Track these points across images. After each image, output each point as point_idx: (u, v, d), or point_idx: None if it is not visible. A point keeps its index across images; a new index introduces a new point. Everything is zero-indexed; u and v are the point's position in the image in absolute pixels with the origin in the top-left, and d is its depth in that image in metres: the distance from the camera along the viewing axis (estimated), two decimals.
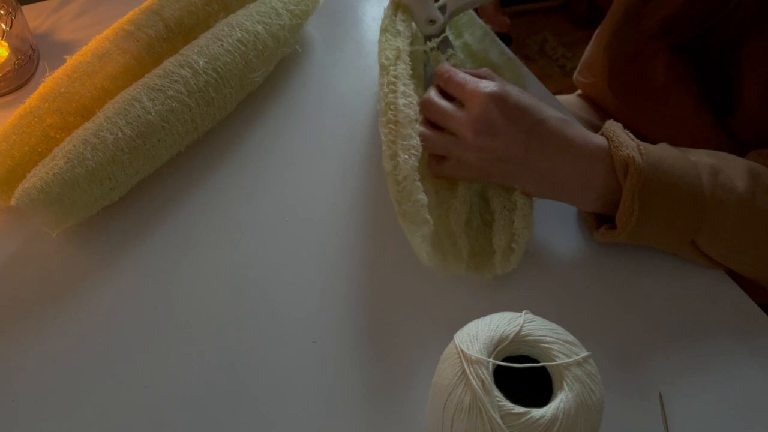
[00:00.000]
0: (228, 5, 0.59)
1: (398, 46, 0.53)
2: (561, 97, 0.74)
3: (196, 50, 0.51)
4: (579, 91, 0.76)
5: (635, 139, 0.43)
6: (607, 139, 0.44)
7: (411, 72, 0.51)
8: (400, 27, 0.56)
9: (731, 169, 0.43)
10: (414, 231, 0.43)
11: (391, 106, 0.49)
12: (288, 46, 0.60)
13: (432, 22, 0.55)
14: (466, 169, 0.46)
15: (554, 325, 0.35)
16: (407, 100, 0.49)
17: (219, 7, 0.59)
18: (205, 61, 0.51)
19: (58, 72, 0.52)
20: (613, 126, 0.45)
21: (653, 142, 0.62)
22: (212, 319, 0.44)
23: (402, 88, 0.49)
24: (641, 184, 0.41)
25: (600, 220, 0.46)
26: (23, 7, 0.61)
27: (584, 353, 0.33)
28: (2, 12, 0.57)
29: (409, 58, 0.52)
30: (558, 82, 1.81)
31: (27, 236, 0.48)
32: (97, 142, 0.45)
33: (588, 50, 0.71)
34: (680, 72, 0.56)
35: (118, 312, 0.44)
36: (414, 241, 0.44)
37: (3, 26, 0.58)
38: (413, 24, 0.57)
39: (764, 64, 0.50)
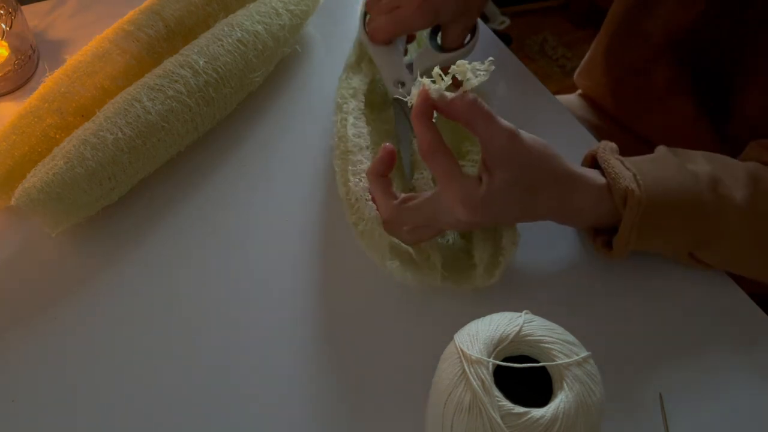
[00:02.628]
0: (228, 5, 0.59)
1: (355, 87, 0.54)
2: (561, 97, 0.74)
3: (196, 50, 0.51)
4: (579, 91, 0.76)
5: (630, 165, 0.42)
6: (602, 171, 0.43)
7: (362, 108, 0.51)
8: (364, 67, 0.56)
9: (730, 176, 0.43)
10: (373, 248, 0.43)
11: (343, 139, 0.50)
12: (288, 46, 0.60)
13: (401, 84, 0.52)
14: (450, 208, 0.40)
15: (554, 325, 0.35)
16: (357, 130, 0.49)
17: (219, 7, 0.59)
18: (205, 61, 0.51)
19: (58, 72, 0.52)
20: (606, 155, 0.44)
21: (653, 144, 0.62)
22: (212, 318, 0.44)
23: (352, 121, 0.50)
24: (641, 215, 0.41)
25: (597, 231, 0.46)
26: (23, 7, 0.61)
27: (584, 353, 0.33)
28: (2, 12, 0.57)
29: (363, 96, 0.53)
30: (558, 82, 1.81)
31: (27, 236, 0.48)
32: (97, 142, 0.45)
33: (589, 53, 0.71)
34: (680, 79, 0.56)
35: (118, 312, 0.44)
36: (377, 259, 0.43)
37: (3, 26, 0.58)
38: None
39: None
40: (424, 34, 0.58)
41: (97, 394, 0.40)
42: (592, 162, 0.46)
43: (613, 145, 0.45)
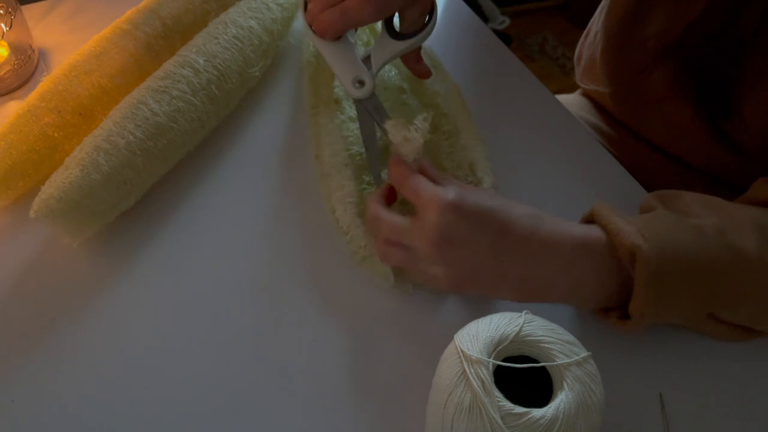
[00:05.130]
0: (225, 3, 0.59)
1: (321, 92, 0.53)
2: (561, 97, 0.74)
3: (194, 50, 0.52)
4: (580, 90, 0.76)
5: (632, 220, 0.40)
6: (602, 227, 0.40)
7: (332, 117, 0.50)
8: (323, 64, 0.55)
9: (736, 225, 0.40)
10: (377, 272, 0.44)
11: (319, 158, 0.49)
12: (283, 39, 0.60)
13: (360, 83, 0.47)
14: (435, 283, 0.41)
15: (554, 326, 0.35)
16: (332, 149, 0.48)
17: (216, 5, 0.59)
18: (204, 60, 0.51)
19: (56, 71, 0.52)
20: (603, 211, 0.41)
21: (655, 146, 0.62)
22: (215, 318, 0.44)
23: (325, 139, 0.49)
24: (654, 272, 0.37)
25: (607, 308, 0.42)
26: (22, 7, 0.61)
27: (584, 353, 0.33)
28: (2, 12, 0.57)
29: (333, 102, 0.52)
30: (558, 81, 1.81)
31: (26, 236, 0.48)
32: (109, 148, 0.45)
33: (585, 52, 0.70)
34: (679, 83, 0.56)
35: (119, 312, 0.44)
36: (381, 280, 0.44)
37: (2, 26, 0.58)
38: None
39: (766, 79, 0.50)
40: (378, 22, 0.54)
41: (96, 394, 0.40)
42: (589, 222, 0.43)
43: (607, 204, 0.42)
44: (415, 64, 0.52)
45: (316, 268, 0.46)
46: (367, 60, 0.48)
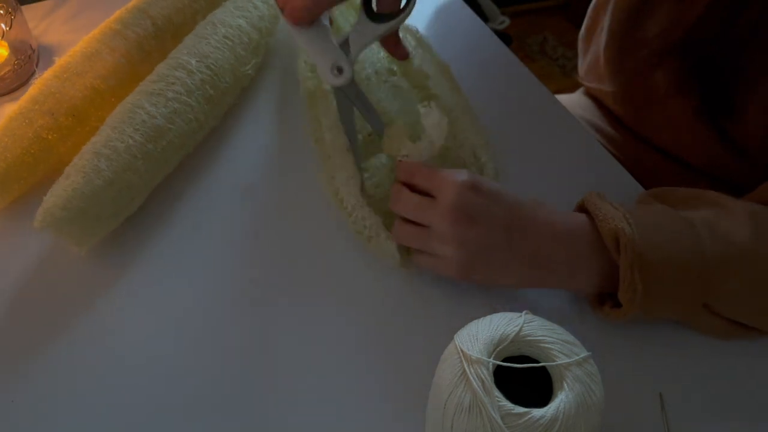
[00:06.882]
0: (215, 2, 0.59)
1: (317, 76, 0.53)
2: (562, 97, 0.74)
3: (185, 52, 0.52)
4: (582, 89, 0.76)
5: (619, 206, 0.41)
6: (590, 213, 0.42)
7: (334, 103, 0.50)
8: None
9: (730, 216, 0.40)
10: (383, 251, 0.44)
11: (320, 142, 0.50)
12: (271, 36, 0.61)
13: (339, 70, 0.45)
14: (445, 266, 0.42)
15: (554, 326, 0.35)
16: (332, 133, 0.49)
17: (206, 3, 0.59)
18: (197, 60, 0.51)
19: (48, 73, 0.51)
20: (593, 198, 0.42)
21: (656, 146, 0.62)
22: (216, 319, 0.44)
23: (326, 122, 0.50)
24: (638, 255, 0.38)
25: (602, 298, 0.43)
26: (22, 8, 0.61)
27: (584, 353, 0.33)
28: (2, 12, 0.57)
29: (328, 88, 0.52)
30: (558, 81, 1.81)
31: (23, 237, 0.48)
32: (109, 153, 0.45)
33: (591, 49, 0.70)
34: (681, 82, 0.56)
35: (120, 314, 0.44)
36: (390, 260, 0.44)
37: (3, 26, 0.58)
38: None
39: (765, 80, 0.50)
40: (356, 1, 0.54)
41: (96, 395, 0.40)
42: (582, 212, 0.44)
43: (601, 192, 0.43)
44: (393, 46, 0.50)
45: (314, 269, 0.46)
46: (345, 44, 0.45)
